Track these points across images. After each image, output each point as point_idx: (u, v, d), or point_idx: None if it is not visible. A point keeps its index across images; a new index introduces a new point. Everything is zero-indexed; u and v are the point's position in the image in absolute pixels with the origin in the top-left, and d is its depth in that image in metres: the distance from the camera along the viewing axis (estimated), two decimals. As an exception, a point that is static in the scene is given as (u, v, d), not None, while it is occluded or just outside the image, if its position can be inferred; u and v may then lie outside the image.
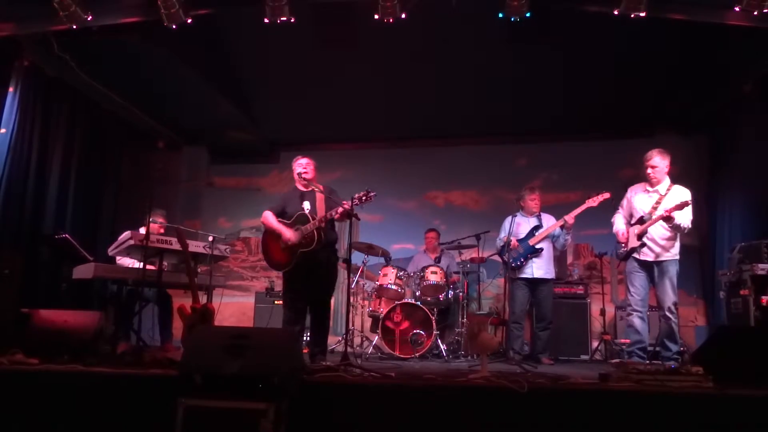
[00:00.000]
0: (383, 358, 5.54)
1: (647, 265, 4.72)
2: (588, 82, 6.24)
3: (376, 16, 4.63)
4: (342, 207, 4.29)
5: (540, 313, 5.51)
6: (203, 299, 4.77)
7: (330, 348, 5.46)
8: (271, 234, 4.55)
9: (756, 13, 4.31)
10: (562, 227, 5.36)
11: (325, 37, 5.40)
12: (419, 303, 5.67)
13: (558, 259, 6.01)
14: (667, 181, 4.79)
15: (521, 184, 6.22)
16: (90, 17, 4.73)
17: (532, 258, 5.35)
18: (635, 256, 4.73)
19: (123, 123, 7.20)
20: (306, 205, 4.52)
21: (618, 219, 4.99)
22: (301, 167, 4.64)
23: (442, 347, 5.58)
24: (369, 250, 6.20)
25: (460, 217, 7.65)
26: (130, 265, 5.23)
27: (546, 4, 4.79)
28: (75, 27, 4.78)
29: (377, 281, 5.97)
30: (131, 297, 5.22)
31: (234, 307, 7.57)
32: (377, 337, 5.64)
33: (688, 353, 5.24)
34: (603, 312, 5.98)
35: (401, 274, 5.93)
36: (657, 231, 4.67)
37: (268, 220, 4.57)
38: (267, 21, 4.70)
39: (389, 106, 7.00)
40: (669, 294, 4.61)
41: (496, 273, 7.17)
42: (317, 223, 4.36)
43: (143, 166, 7.77)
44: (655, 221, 4.60)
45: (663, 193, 4.73)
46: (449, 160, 7.89)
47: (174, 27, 4.73)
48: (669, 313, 4.60)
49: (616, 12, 4.50)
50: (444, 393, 2.87)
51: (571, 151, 7.55)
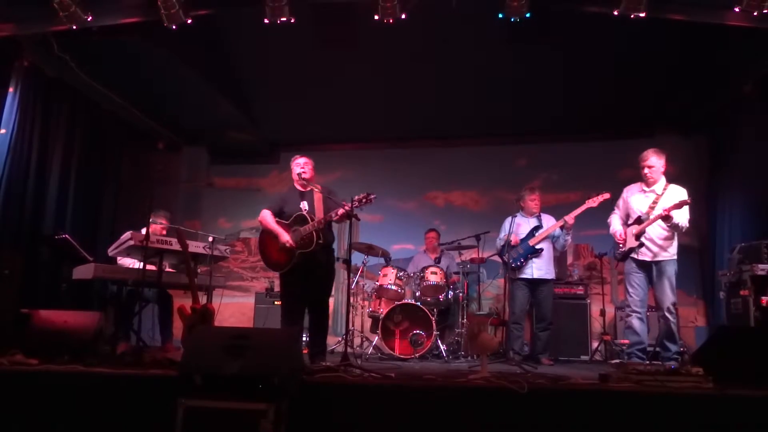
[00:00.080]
0: (383, 358, 5.54)
1: (646, 266, 4.73)
2: (588, 82, 6.25)
3: (376, 16, 4.63)
4: (342, 209, 4.27)
5: (540, 314, 5.51)
6: (203, 300, 4.76)
7: (330, 348, 5.46)
8: (269, 234, 4.51)
9: (756, 14, 4.32)
10: (562, 228, 5.36)
11: (325, 38, 5.41)
12: (419, 303, 5.66)
13: (558, 260, 6.00)
14: (663, 181, 4.79)
15: (521, 184, 6.23)
16: (90, 18, 4.72)
17: (532, 258, 5.35)
18: (633, 256, 4.73)
19: (123, 123, 7.19)
20: (304, 206, 4.48)
21: (614, 219, 4.98)
22: (300, 167, 4.59)
23: (442, 348, 5.58)
24: (369, 250, 6.20)
25: (460, 218, 7.65)
26: (130, 266, 5.24)
27: (546, 4, 4.79)
28: (75, 27, 4.78)
29: (377, 281, 5.97)
30: (131, 297, 5.22)
31: (234, 308, 7.58)
32: (377, 338, 5.64)
33: (688, 354, 5.24)
34: (603, 312, 5.97)
35: (401, 274, 5.92)
36: (655, 231, 4.67)
37: (266, 220, 4.52)
38: (267, 21, 4.70)
39: (389, 106, 7.00)
40: (668, 294, 4.61)
41: (496, 273, 7.18)
42: (316, 225, 4.32)
43: (143, 166, 7.77)
44: (654, 221, 4.60)
45: (660, 193, 4.73)
46: (449, 160, 7.90)
47: (174, 27, 4.73)
48: (668, 314, 4.60)
49: (615, 12, 4.50)
50: (444, 393, 2.87)
51: (571, 152, 7.56)
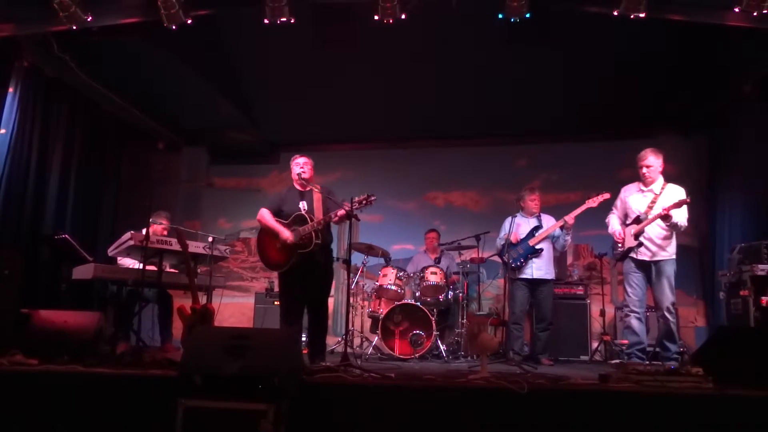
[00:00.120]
0: (383, 358, 5.54)
1: (644, 265, 4.72)
2: (588, 82, 6.25)
3: (375, 16, 4.63)
4: (341, 211, 4.25)
5: (540, 314, 5.51)
6: (203, 300, 4.77)
7: (330, 349, 5.46)
8: (268, 233, 4.49)
9: (755, 14, 4.32)
10: (562, 228, 5.36)
11: (325, 38, 5.41)
12: (419, 303, 5.66)
13: (558, 260, 6.00)
14: (661, 180, 4.80)
15: (521, 184, 6.23)
16: (90, 18, 4.72)
17: (532, 258, 5.35)
18: (632, 255, 4.73)
19: (123, 123, 7.19)
20: (303, 205, 4.46)
21: (613, 219, 4.98)
22: (299, 167, 4.57)
23: (441, 348, 5.58)
24: (369, 250, 6.19)
25: (460, 218, 7.64)
26: (130, 266, 5.24)
27: (546, 4, 4.79)
28: (75, 28, 4.78)
29: (377, 282, 5.97)
30: (131, 297, 5.22)
31: (234, 308, 7.57)
32: (377, 338, 5.64)
33: (688, 354, 5.24)
34: (603, 313, 5.97)
35: (401, 274, 5.92)
36: (653, 230, 4.67)
37: (264, 218, 4.49)
38: (267, 22, 4.70)
39: (389, 106, 7.00)
40: (667, 294, 4.61)
41: (496, 273, 7.17)
42: (315, 225, 4.31)
43: (143, 166, 7.78)
44: (653, 220, 4.60)
45: (658, 193, 4.74)
46: (449, 160, 7.90)
47: (174, 28, 4.73)
48: (667, 313, 4.60)
49: (615, 13, 4.50)
50: (444, 394, 2.87)
51: (571, 152, 7.55)
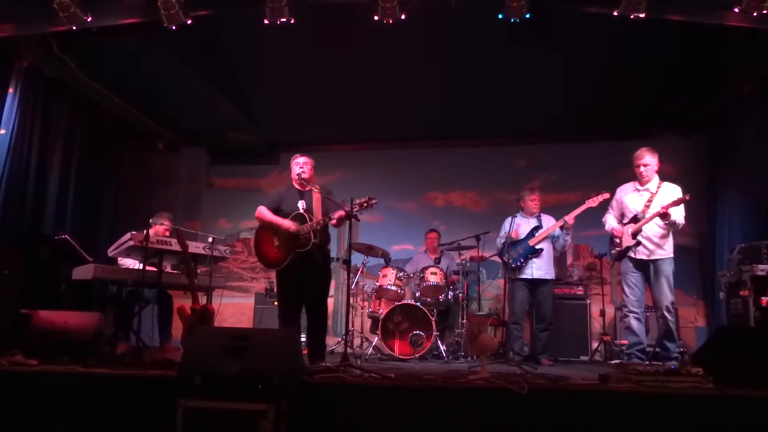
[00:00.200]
0: (383, 359, 5.54)
1: (643, 265, 4.72)
2: (588, 82, 6.25)
3: (375, 17, 4.63)
4: (340, 213, 4.23)
5: (540, 314, 5.51)
6: (203, 300, 4.76)
7: (330, 349, 5.46)
8: (266, 231, 4.47)
9: (755, 14, 4.31)
10: (562, 228, 5.36)
11: (325, 38, 5.40)
12: (419, 304, 5.66)
13: (558, 260, 6.00)
14: (657, 179, 4.80)
15: (521, 185, 6.24)
16: (90, 18, 4.72)
17: (532, 258, 5.35)
18: (630, 255, 4.72)
19: (123, 123, 7.19)
20: (302, 205, 4.46)
21: (609, 219, 4.99)
22: (299, 167, 4.56)
23: (441, 348, 5.58)
24: (369, 250, 6.19)
25: (459, 218, 7.64)
26: (131, 266, 5.23)
27: (546, 5, 4.79)
28: (75, 28, 4.78)
29: (377, 282, 5.96)
30: (131, 298, 5.22)
31: (234, 308, 7.57)
32: (377, 338, 5.64)
33: (688, 354, 5.24)
34: (603, 313, 5.97)
35: (401, 274, 5.91)
36: (651, 229, 4.67)
37: (263, 214, 4.48)
38: (267, 22, 4.70)
39: (389, 107, 7.00)
40: (666, 293, 4.60)
41: (495, 273, 7.17)
42: (314, 225, 4.30)
43: (143, 166, 7.78)
44: (652, 218, 4.60)
45: (654, 191, 4.74)
46: (449, 161, 7.89)
47: (174, 28, 4.72)
48: (667, 313, 4.58)
49: (615, 13, 4.50)
50: (444, 394, 2.87)
51: (571, 152, 7.55)
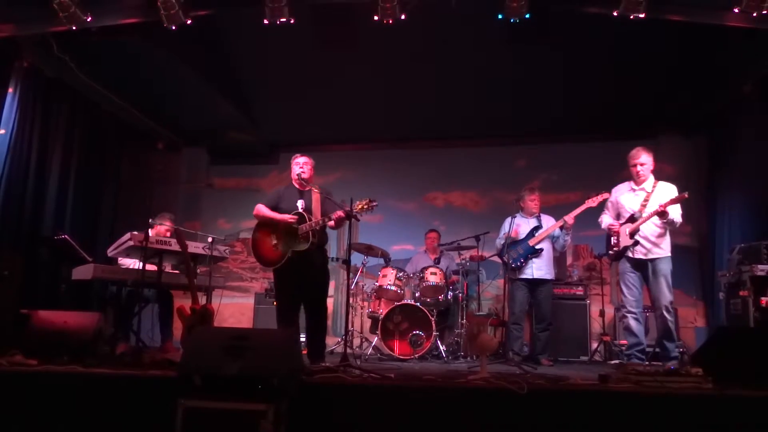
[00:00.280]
0: (383, 359, 5.54)
1: (641, 264, 4.70)
2: (588, 82, 6.24)
3: (375, 17, 4.63)
4: (339, 214, 4.22)
5: (539, 314, 5.51)
6: (203, 300, 4.77)
7: (329, 349, 5.46)
8: (263, 229, 4.47)
9: (755, 15, 4.31)
10: (561, 228, 5.36)
11: (325, 38, 5.40)
12: (419, 304, 5.66)
13: (557, 260, 6.00)
14: (652, 179, 4.80)
15: (521, 185, 6.24)
16: (89, 18, 4.72)
17: (531, 258, 5.35)
18: (628, 254, 4.71)
19: (123, 124, 7.19)
20: (302, 204, 4.45)
21: (605, 218, 4.98)
22: (299, 167, 4.57)
23: (441, 348, 5.58)
24: (368, 251, 6.19)
25: (459, 218, 7.64)
26: (131, 266, 5.23)
27: (545, 5, 4.79)
28: (74, 28, 4.78)
29: (377, 282, 5.96)
30: (131, 298, 5.22)
31: (233, 308, 7.58)
32: (377, 338, 5.63)
33: (687, 354, 5.24)
34: (602, 313, 5.96)
35: (401, 275, 5.91)
36: (648, 228, 4.66)
37: (262, 211, 4.47)
38: (266, 22, 4.70)
39: (389, 107, 7.00)
40: (665, 293, 4.58)
41: (495, 274, 7.17)
42: (314, 225, 4.29)
43: (143, 166, 7.78)
44: (650, 217, 4.59)
45: (650, 191, 4.73)
46: (449, 161, 7.90)
47: (174, 28, 4.73)
48: (666, 313, 4.56)
49: (615, 13, 4.50)
50: (443, 394, 2.87)
51: (571, 152, 7.56)
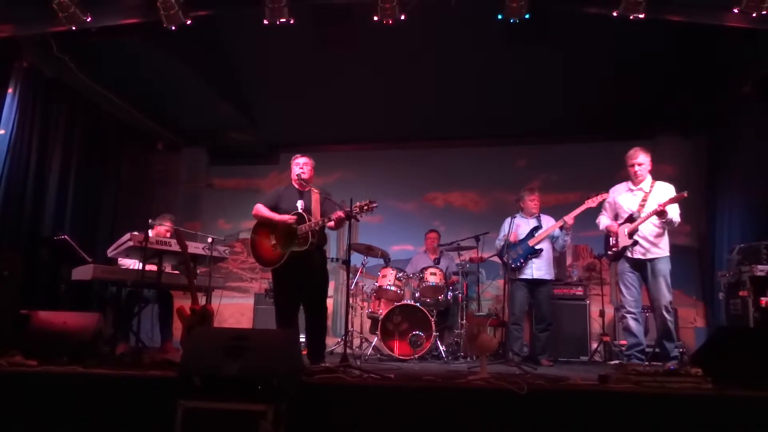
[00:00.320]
0: (382, 359, 5.53)
1: (639, 264, 4.69)
2: (588, 82, 6.24)
3: (375, 17, 4.62)
4: (339, 214, 4.22)
5: (539, 315, 5.51)
6: (202, 301, 4.77)
7: (329, 349, 5.46)
8: (262, 229, 4.46)
9: (755, 15, 4.32)
10: (561, 228, 5.36)
11: (325, 39, 5.41)
12: (418, 304, 5.65)
13: (557, 261, 6.00)
14: (650, 178, 4.79)
15: (521, 185, 6.24)
16: (89, 18, 4.72)
17: (531, 259, 5.35)
18: (627, 254, 4.70)
19: (122, 124, 7.20)
20: (301, 205, 4.45)
21: (603, 219, 4.98)
22: (299, 167, 4.57)
23: (441, 348, 5.58)
24: (368, 251, 6.19)
25: (459, 219, 7.65)
26: (131, 267, 5.23)
27: (545, 5, 4.79)
28: (74, 28, 4.78)
29: (376, 282, 5.96)
30: (130, 298, 5.21)
31: (233, 309, 7.58)
32: (376, 339, 5.63)
33: (687, 354, 5.24)
34: (602, 313, 5.96)
35: (400, 275, 5.91)
36: (646, 228, 4.66)
37: (260, 211, 4.47)
38: (266, 22, 4.70)
39: (389, 107, 7.00)
40: (664, 292, 4.57)
41: (495, 274, 7.17)
42: (313, 225, 4.29)
43: (143, 167, 7.78)
44: (649, 216, 4.58)
45: (647, 191, 4.73)
46: (449, 161, 7.90)
47: (173, 28, 4.73)
48: (665, 313, 4.55)
49: (615, 14, 4.51)
50: (443, 394, 2.87)
51: (571, 152, 7.56)
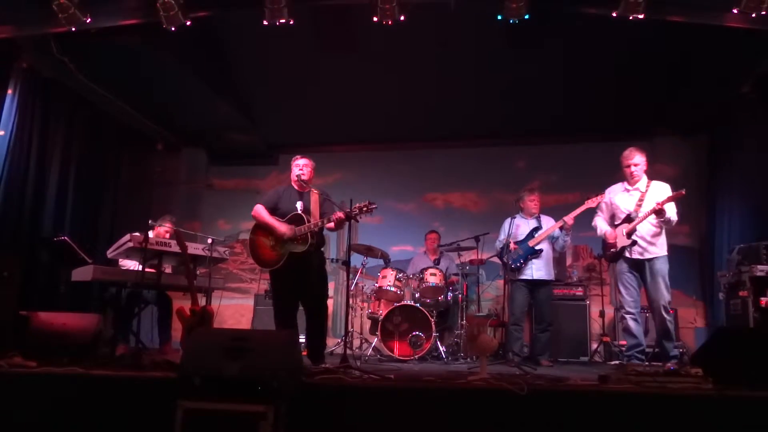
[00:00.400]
0: (382, 360, 5.53)
1: (638, 265, 4.69)
2: (588, 83, 6.25)
3: (374, 18, 4.62)
4: (338, 215, 4.22)
5: (539, 315, 5.51)
6: (202, 301, 4.76)
7: (329, 350, 5.45)
8: (261, 230, 4.46)
9: (754, 15, 4.31)
10: (561, 228, 5.36)
11: (325, 39, 5.41)
12: (418, 305, 5.65)
13: (557, 261, 6.00)
14: (645, 178, 4.80)
15: (520, 185, 6.24)
16: (89, 20, 4.71)
17: (531, 259, 5.35)
18: (626, 255, 4.70)
19: (122, 124, 7.19)
20: (300, 205, 4.45)
21: (599, 222, 4.97)
22: (299, 168, 4.56)
23: (441, 349, 5.58)
24: (368, 251, 6.19)
25: (459, 219, 7.65)
26: (132, 268, 5.23)
27: (545, 6, 4.79)
28: (74, 29, 4.76)
29: (376, 283, 5.96)
30: (130, 299, 5.21)
31: (233, 309, 7.58)
32: (376, 339, 5.63)
33: (687, 355, 5.24)
34: (602, 314, 5.97)
35: (400, 275, 5.91)
36: (644, 228, 4.65)
37: (260, 214, 4.46)
38: (266, 23, 4.69)
39: (389, 107, 6.99)
40: (663, 292, 4.56)
41: (495, 274, 7.17)
42: (312, 226, 4.29)
43: (142, 167, 7.77)
44: (648, 215, 4.57)
45: (644, 190, 4.73)
46: (448, 161, 7.90)
47: (173, 29, 4.72)
48: (664, 312, 4.55)
49: (614, 14, 4.51)
50: (443, 395, 2.87)
51: (571, 153, 7.56)
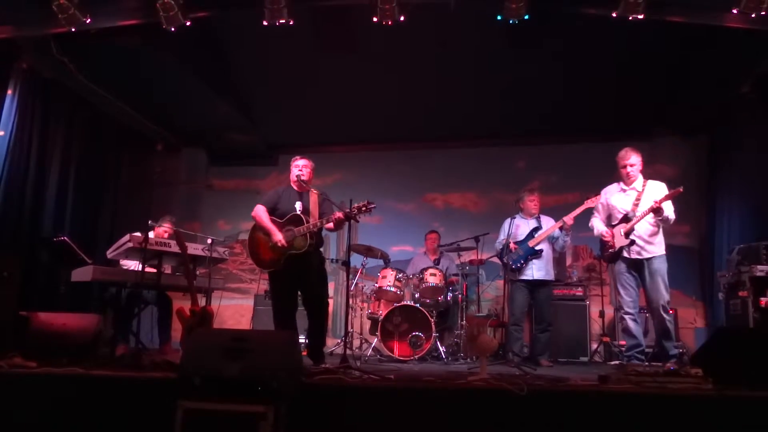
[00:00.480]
0: (382, 360, 5.53)
1: (636, 264, 4.68)
2: (588, 83, 6.25)
3: (374, 18, 4.62)
4: (338, 215, 4.23)
5: (539, 315, 5.51)
6: (202, 302, 4.76)
7: (329, 350, 5.45)
8: (261, 231, 4.47)
9: (754, 15, 4.32)
10: (561, 228, 5.36)
11: (324, 40, 5.41)
12: (418, 305, 5.65)
13: (557, 261, 6.00)
14: (641, 178, 4.80)
15: (520, 185, 6.24)
16: (89, 20, 4.71)
17: (531, 260, 5.35)
18: (624, 255, 4.69)
19: (122, 125, 7.19)
20: (299, 206, 4.46)
21: (596, 222, 4.96)
22: (298, 169, 4.58)
23: (441, 349, 5.57)
24: (368, 252, 6.19)
25: (459, 219, 7.64)
26: (132, 268, 5.23)
27: (545, 6, 4.79)
28: (74, 30, 4.76)
29: (376, 283, 5.96)
30: (130, 300, 5.21)
31: (233, 310, 7.58)
32: (376, 340, 5.64)
33: (687, 355, 5.24)
34: (602, 314, 5.97)
35: (400, 276, 5.91)
36: (642, 227, 4.65)
37: (259, 216, 4.47)
38: (266, 23, 4.70)
39: (389, 107, 6.99)
40: (662, 292, 4.56)
41: (495, 275, 7.17)
42: (311, 227, 4.29)
43: (142, 168, 7.77)
44: (646, 214, 4.57)
45: (640, 190, 4.73)
46: (448, 162, 7.90)
47: (173, 30, 4.72)
48: (663, 312, 4.54)
49: (614, 14, 4.51)
50: (443, 395, 2.87)
51: (570, 153, 7.55)
